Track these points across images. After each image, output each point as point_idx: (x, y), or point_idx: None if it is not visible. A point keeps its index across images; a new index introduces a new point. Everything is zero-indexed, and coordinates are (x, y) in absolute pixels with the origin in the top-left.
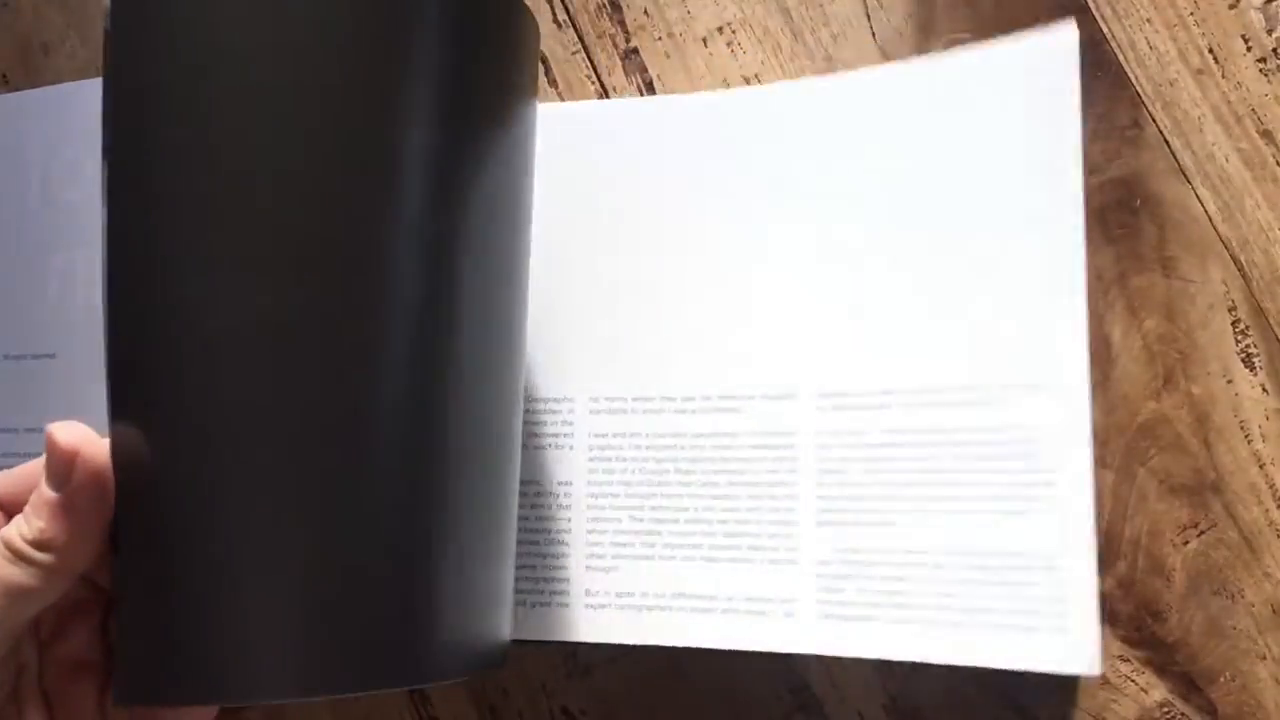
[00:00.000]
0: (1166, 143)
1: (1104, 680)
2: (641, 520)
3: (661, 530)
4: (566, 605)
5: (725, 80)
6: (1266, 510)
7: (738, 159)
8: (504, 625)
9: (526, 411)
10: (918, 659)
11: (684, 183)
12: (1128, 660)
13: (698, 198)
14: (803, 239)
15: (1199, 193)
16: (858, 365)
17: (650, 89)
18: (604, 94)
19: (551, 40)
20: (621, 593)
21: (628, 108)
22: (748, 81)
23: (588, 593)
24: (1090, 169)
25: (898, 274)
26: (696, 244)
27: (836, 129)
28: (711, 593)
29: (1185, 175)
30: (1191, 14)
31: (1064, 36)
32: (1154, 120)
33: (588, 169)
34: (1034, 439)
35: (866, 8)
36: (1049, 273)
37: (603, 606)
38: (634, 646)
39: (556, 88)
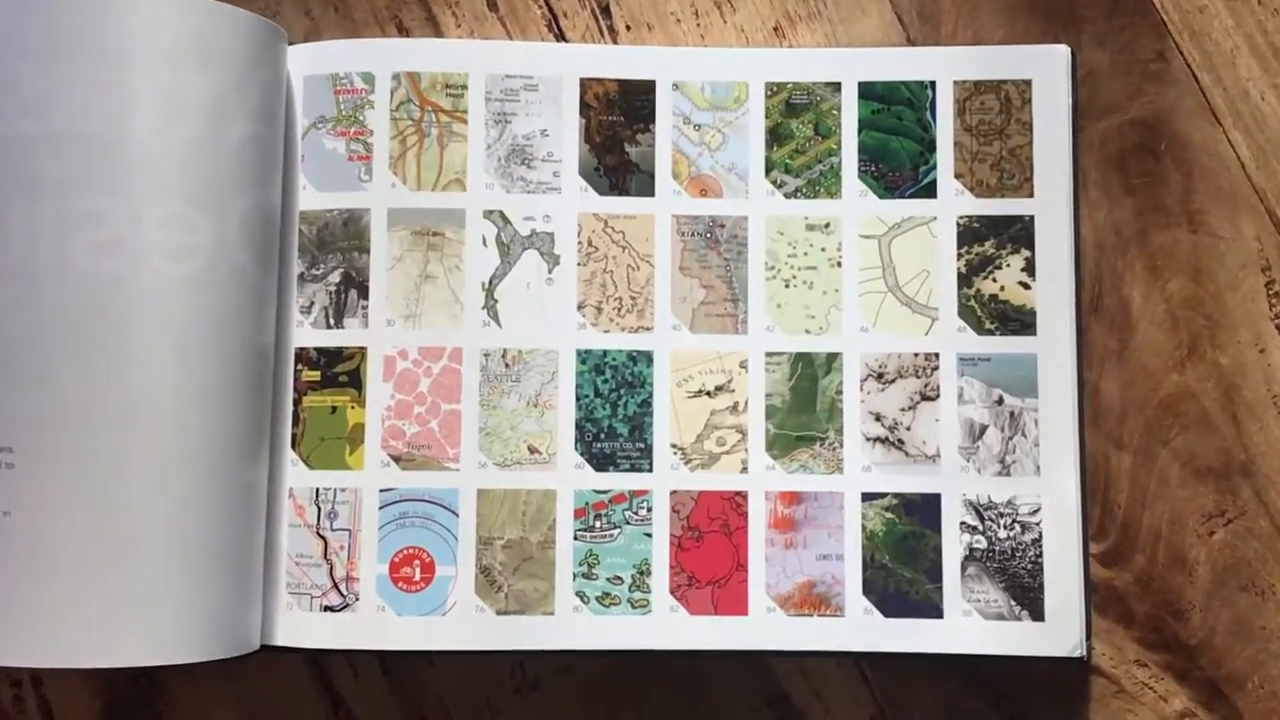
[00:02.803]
0: (1195, 78)
1: (1118, 688)
2: None
3: None
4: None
5: (692, 3)
6: None
7: None
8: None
9: None
10: (914, 650)
11: None
12: (1145, 665)
13: None
14: None
15: (1230, 136)
16: None
17: (606, 13)
18: (553, 20)
19: None
20: None
21: None
22: (716, 3)
23: None
24: (1108, 108)
25: None
26: None
27: None
28: None
29: (1215, 116)
30: None
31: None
32: (1181, 52)
33: None
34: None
35: None
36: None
37: None
38: (588, 656)
39: (498, 12)
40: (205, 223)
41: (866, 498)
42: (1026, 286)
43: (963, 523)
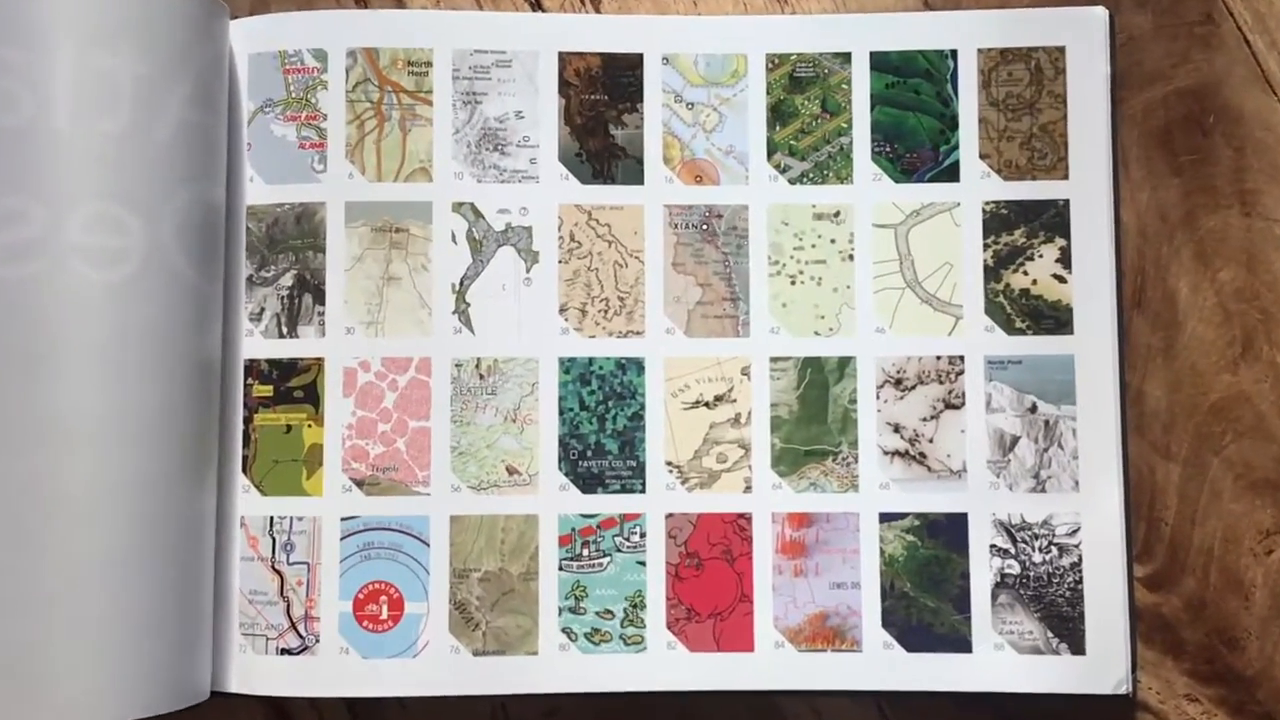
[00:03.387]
0: (1247, 42)
1: None
2: None
3: None
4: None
5: None
6: None
7: None
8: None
9: None
10: (939, 689)
11: None
12: (1196, 700)
13: None
14: None
15: None
16: None
17: None
18: None
19: None
20: None
21: None
22: None
23: None
24: (1151, 77)
25: None
26: None
27: None
28: None
29: (1270, 84)
30: None
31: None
32: (1231, 14)
33: None
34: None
35: None
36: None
37: None
38: (576, 699)
39: None
40: (136, 223)
41: (885, 519)
42: (1061, 280)
43: (993, 545)
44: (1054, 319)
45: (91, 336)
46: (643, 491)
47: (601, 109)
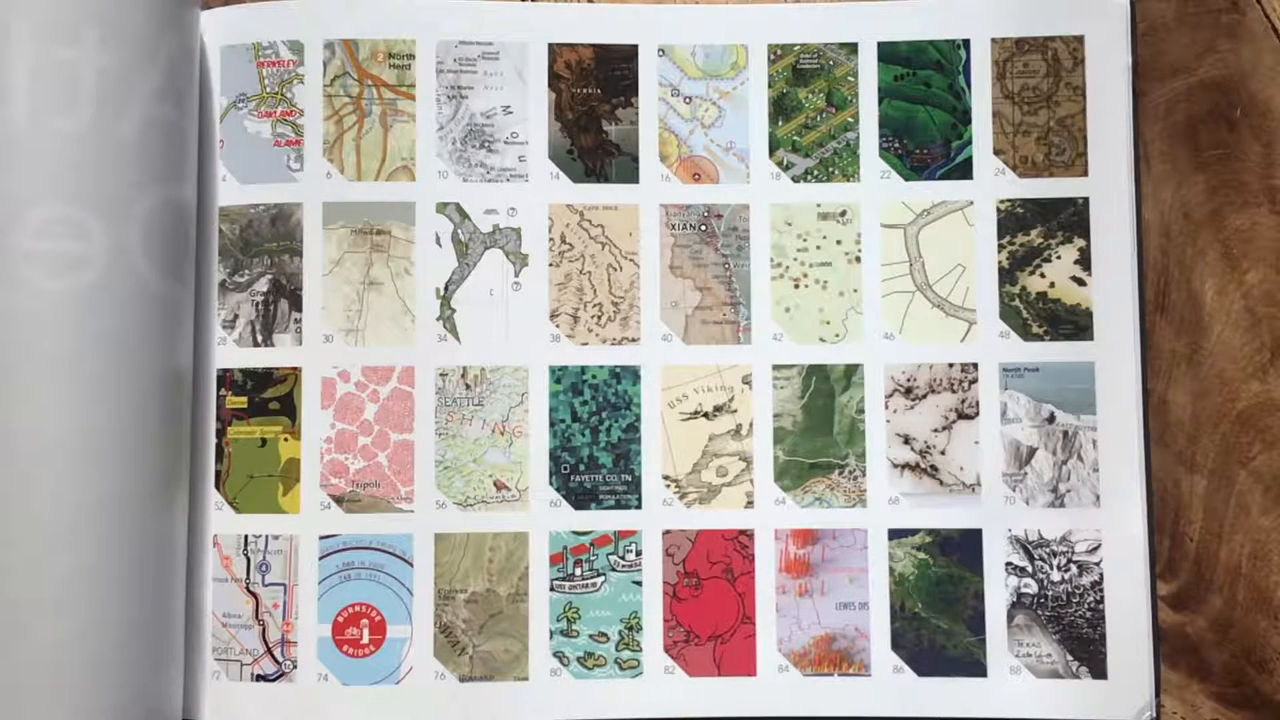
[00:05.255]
0: (1275, 30)
1: None
2: None
3: None
4: None
5: None
6: None
7: None
8: None
9: None
10: (953, 715)
11: None
12: None
13: None
14: None
15: None
16: None
17: None
18: None
19: None
20: None
21: None
22: None
23: None
24: (1174, 68)
25: None
26: None
27: None
28: None
29: None
30: None
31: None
32: (1258, 1)
33: None
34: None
35: None
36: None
37: None
38: None
39: None
40: (98, 227)
41: (894, 535)
42: (1081, 282)
43: (1009, 563)
44: (1073, 324)
45: (49, 349)
46: (638, 507)
47: (594, 103)
